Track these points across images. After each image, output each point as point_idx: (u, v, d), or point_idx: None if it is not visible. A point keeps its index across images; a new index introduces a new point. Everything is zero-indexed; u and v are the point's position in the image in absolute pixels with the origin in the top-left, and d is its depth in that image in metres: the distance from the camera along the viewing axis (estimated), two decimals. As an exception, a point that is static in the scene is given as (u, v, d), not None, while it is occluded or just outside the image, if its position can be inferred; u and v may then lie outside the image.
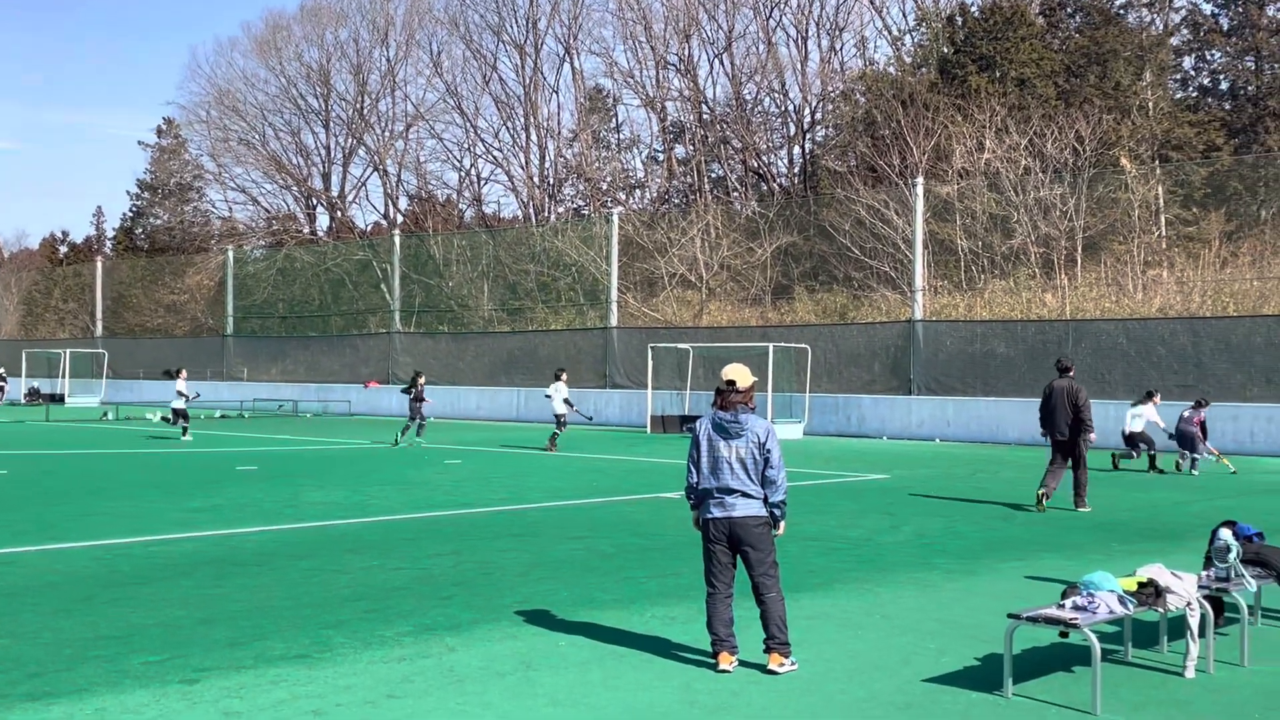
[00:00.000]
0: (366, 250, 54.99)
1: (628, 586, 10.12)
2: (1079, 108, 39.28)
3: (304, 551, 11.89)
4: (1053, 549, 12.43)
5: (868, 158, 43.27)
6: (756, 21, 56.08)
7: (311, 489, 18.03)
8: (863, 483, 19.76)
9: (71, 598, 9.48)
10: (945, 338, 33.64)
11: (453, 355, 46.04)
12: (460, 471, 21.35)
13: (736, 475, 7.33)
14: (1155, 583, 7.32)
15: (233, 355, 54.05)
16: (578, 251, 45.71)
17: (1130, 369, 29.64)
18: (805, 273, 43.29)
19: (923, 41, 50.84)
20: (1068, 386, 15.69)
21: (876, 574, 10.79)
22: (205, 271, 61.53)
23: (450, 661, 7.53)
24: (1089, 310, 34.34)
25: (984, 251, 37.81)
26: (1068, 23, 47.11)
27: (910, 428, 32.41)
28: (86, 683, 6.95)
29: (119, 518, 14.50)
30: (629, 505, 16.32)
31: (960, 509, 15.94)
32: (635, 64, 59.57)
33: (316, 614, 8.90)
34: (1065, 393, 15.62)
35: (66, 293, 69.05)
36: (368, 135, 66.44)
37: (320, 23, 66.64)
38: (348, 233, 64.82)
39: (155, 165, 75.94)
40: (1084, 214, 36.17)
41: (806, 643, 7.94)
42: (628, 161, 62.40)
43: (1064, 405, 15.56)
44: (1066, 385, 15.71)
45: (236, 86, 68.23)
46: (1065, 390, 15.65)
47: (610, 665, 7.47)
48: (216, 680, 7.05)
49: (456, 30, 63.00)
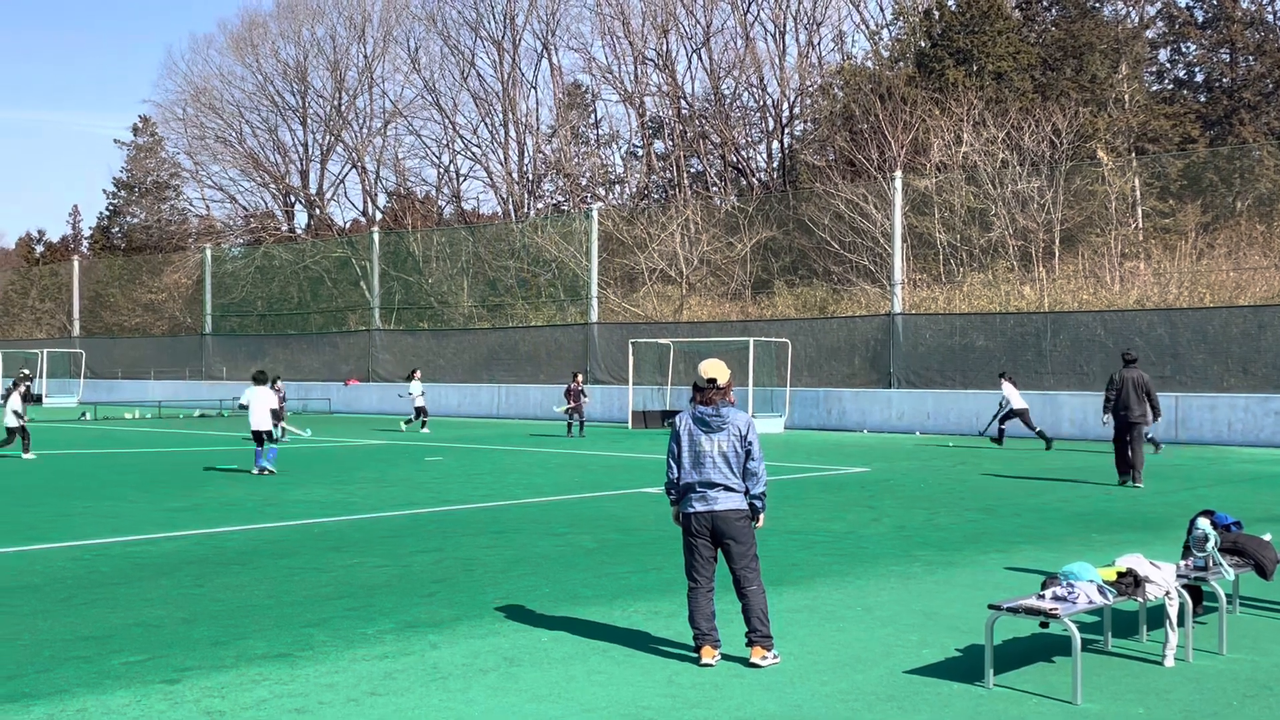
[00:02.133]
0: (345, 248, 54.81)
1: (609, 582, 10.13)
2: (1056, 101, 39.45)
3: (286, 550, 11.85)
4: (1033, 540, 12.50)
5: (846, 152, 43.35)
6: (734, 16, 56.16)
7: (292, 487, 17.97)
8: (844, 476, 19.81)
9: (50, 599, 9.43)
10: (924, 331, 33.76)
11: (433, 352, 45.95)
12: (441, 468, 21.32)
13: (719, 469, 7.34)
14: (1134, 572, 7.37)
15: (211, 354, 53.79)
16: (557, 247, 45.67)
17: (1108, 360, 29.75)
18: (785, 267, 43.37)
19: (900, 35, 50.95)
20: (1136, 376, 18.07)
21: (858, 567, 10.82)
22: (183, 270, 61.23)
23: (433, 658, 7.52)
24: (1067, 302, 34.51)
25: (962, 245, 37.95)
26: (1044, 16, 47.28)
27: (890, 421, 32.51)
28: (66, 684, 6.92)
29: (98, 518, 14.42)
30: (610, 500, 16.32)
31: (941, 502, 16.01)
32: (613, 59, 59.65)
33: (298, 612, 8.87)
34: (1135, 381, 17.98)
35: (43, 292, 68.62)
36: (346, 132, 66.27)
37: (297, 19, 66.41)
38: (326, 230, 64.61)
39: (132, 164, 75.54)
40: (1061, 207, 36.34)
41: (788, 636, 7.97)
42: (607, 157, 62.45)
43: (1136, 391, 17.92)
44: (1135, 375, 18.09)
45: (213, 84, 68.01)
46: (1135, 380, 18.00)
47: (593, 660, 7.47)
48: (198, 680, 7.02)
49: (434, 26, 62.93)
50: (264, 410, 20.41)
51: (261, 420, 20.29)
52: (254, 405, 20.49)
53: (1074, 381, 30.27)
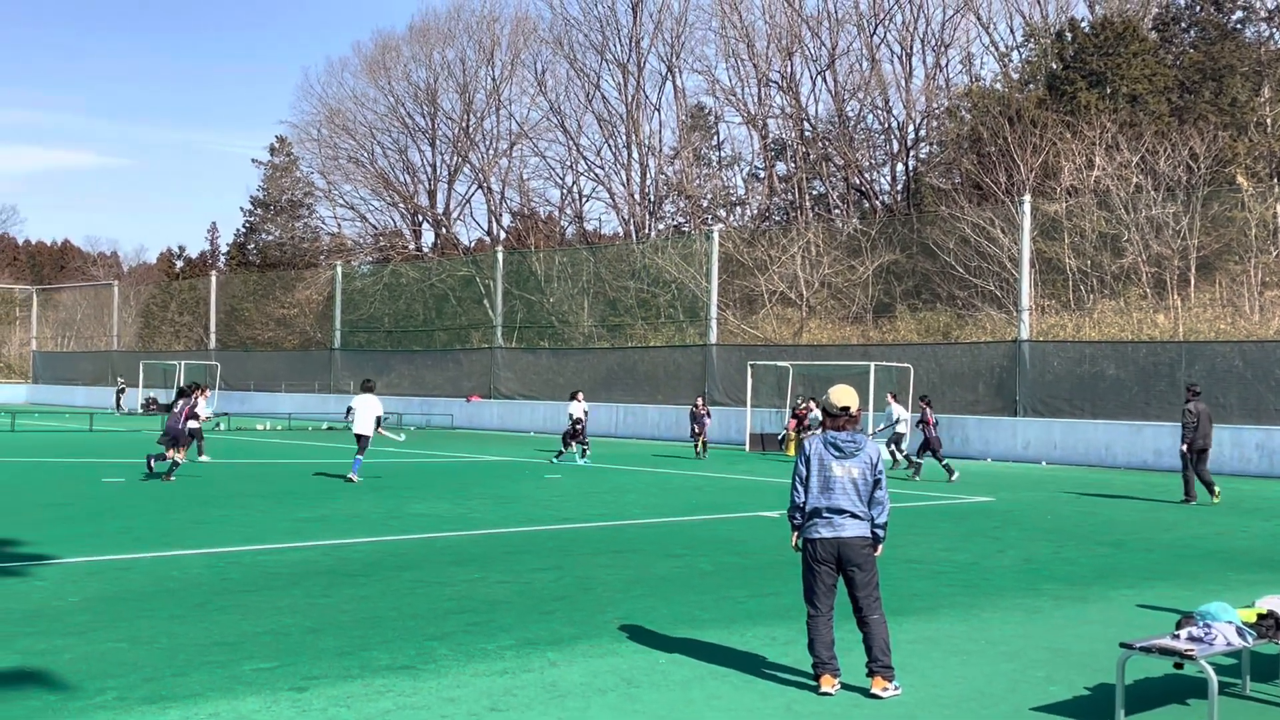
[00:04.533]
0: (470, 266, 55.77)
1: (728, 605, 10.09)
2: (1193, 124, 38.29)
3: (408, 563, 12.07)
4: (1166, 577, 12.09)
5: (973, 175, 42.67)
6: (860, 39, 55.81)
7: (415, 501, 18.30)
8: (967, 505, 19.44)
9: (186, 604, 9.74)
10: (1052, 358, 32.98)
11: (553, 371, 46.41)
12: (559, 486, 21.49)
13: (848, 495, 7.28)
14: (1275, 615, 7.08)
15: (339, 368, 55.15)
16: (678, 268, 45.80)
17: (1247, 392, 28.74)
18: (908, 291, 42.81)
19: (1031, 57, 50.05)
20: (1206, 408, 20.17)
21: (982, 599, 10.60)
22: (314, 286, 62.96)
23: (552, 676, 7.57)
24: (1203, 332, 33.40)
25: (1093, 270, 37.02)
26: (1182, 38, 45.97)
27: (1016, 450, 31.79)
28: (200, 688, 7.13)
29: (231, 526, 14.87)
30: (727, 523, 16.27)
31: (1069, 534, 15.59)
32: (737, 81, 59.76)
33: (421, 625, 9.02)
34: (1207, 413, 20.08)
35: (182, 306, 71.21)
36: (472, 153, 67.48)
37: (428, 43, 67.94)
38: (452, 249, 65.82)
39: (268, 182, 78.01)
40: (1198, 233, 35.23)
41: (910, 668, 7.83)
42: (728, 179, 62.49)
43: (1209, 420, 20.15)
44: (1206, 407, 20.19)
45: (346, 106, 69.92)
46: (1207, 412, 20.11)
47: (711, 685, 7.44)
48: (325, 689, 7.18)
49: (561, 50, 63.77)
50: (369, 417, 21.70)
51: (364, 425, 21.61)
52: (360, 411, 21.78)
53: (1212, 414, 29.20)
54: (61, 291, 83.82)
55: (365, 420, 21.62)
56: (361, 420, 21.62)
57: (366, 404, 21.82)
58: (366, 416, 21.66)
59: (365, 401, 21.88)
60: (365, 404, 21.83)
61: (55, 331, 79.94)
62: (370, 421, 21.65)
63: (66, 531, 14.06)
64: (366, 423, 21.60)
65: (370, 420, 21.66)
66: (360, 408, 21.81)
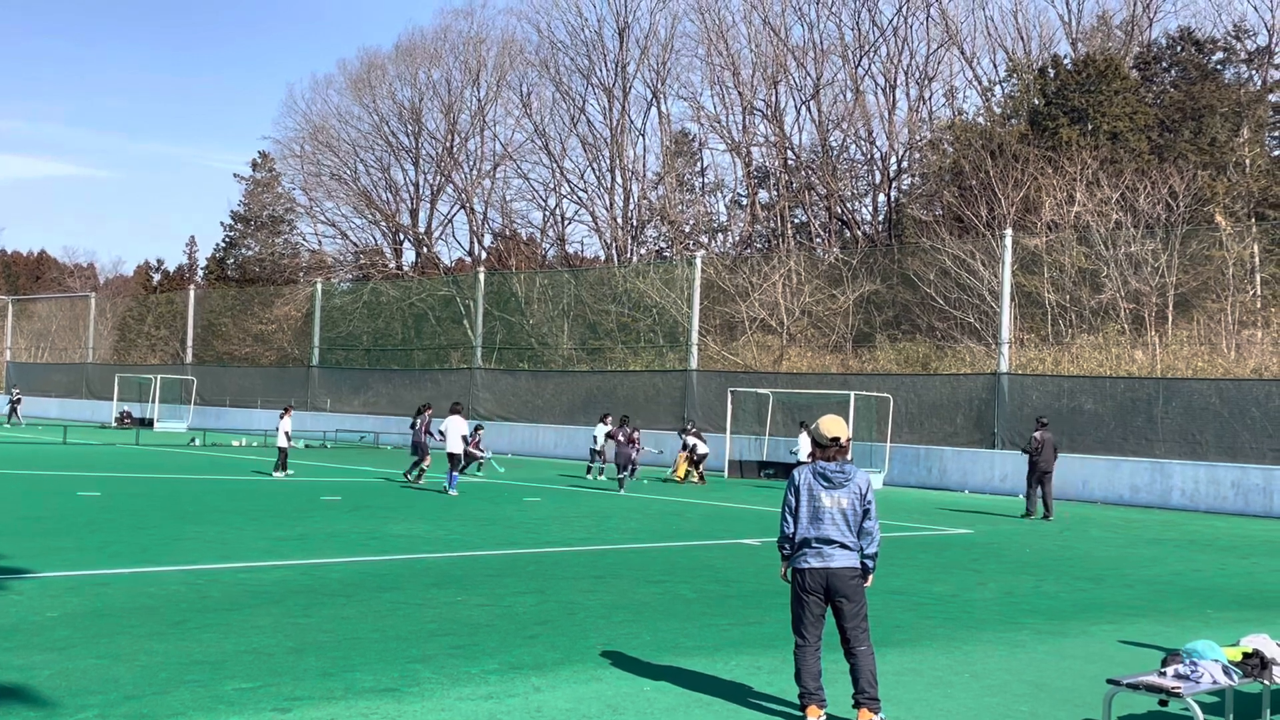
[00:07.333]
0: (450, 286, 55.67)
1: (711, 633, 10.07)
2: (1173, 163, 38.68)
3: (389, 584, 12.00)
4: (1146, 614, 12.14)
5: (954, 207, 42.95)
6: (845, 70, 56.19)
7: (393, 521, 18.21)
8: (946, 536, 19.47)
9: (165, 621, 9.65)
10: (1031, 391, 33.13)
11: (531, 393, 46.32)
12: (540, 510, 21.43)
13: (837, 525, 7.28)
14: (1261, 654, 7.12)
15: (317, 386, 54.88)
16: (659, 293, 45.85)
17: (1223, 430, 28.93)
18: (888, 321, 42.98)
19: (1013, 93, 50.50)
20: (1052, 438, 23.62)
21: (964, 631, 10.61)
22: (293, 303, 62.69)
23: (537, 701, 7.53)
24: (1180, 369, 33.63)
25: (1072, 305, 37.26)
26: (1163, 77, 46.49)
27: (993, 482, 31.90)
28: (182, 707, 7.06)
29: (208, 543, 14.76)
30: (708, 550, 16.25)
31: (1048, 568, 15.64)
32: (722, 109, 59.94)
33: (403, 647, 8.96)
34: (1052, 442, 23.48)
35: (159, 319, 70.75)
36: (456, 173, 67.48)
37: (414, 62, 67.97)
38: (433, 268, 65.72)
39: (249, 198, 77.78)
40: (1176, 270, 35.53)
41: (895, 699, 7.83)
42: (711, 205, 62.66)
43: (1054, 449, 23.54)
44: (1052, 436, 23.66)
45: (330, 123, 69.80)
46: (1052, 441, 23.51)
47: (696, 713, 7.42)
48: (308, 710, 7.12)
49: (547, 72, 63.92)
50: (457, 436, 24.44)
51: (455, 444, 24.29)
52: (450, 432, 24.52)
53: (1186, 450, 29.40)
54: (37, 302, 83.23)
55: (455, 440, 24.28)
56: (453, 440, 24.26)
57: (455, 425, 24.48)
58: (455, 437, 24.32)
59: (454, 423, 24.54)
60: (455, 425, 24.48)
61: (30, 343, 79.33)
62: (459, 440, 24.35)
63: (43, 545, 13.92)
64: (456, 442, 24.29)
65: (459, 439, 24.35)
66: (450, 429, 24.45)
